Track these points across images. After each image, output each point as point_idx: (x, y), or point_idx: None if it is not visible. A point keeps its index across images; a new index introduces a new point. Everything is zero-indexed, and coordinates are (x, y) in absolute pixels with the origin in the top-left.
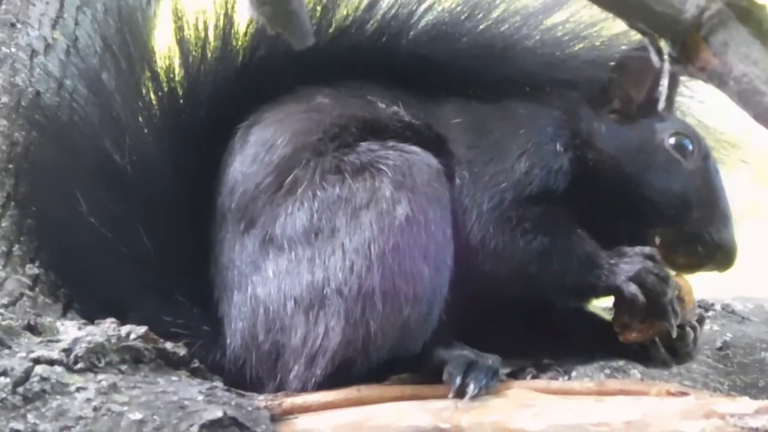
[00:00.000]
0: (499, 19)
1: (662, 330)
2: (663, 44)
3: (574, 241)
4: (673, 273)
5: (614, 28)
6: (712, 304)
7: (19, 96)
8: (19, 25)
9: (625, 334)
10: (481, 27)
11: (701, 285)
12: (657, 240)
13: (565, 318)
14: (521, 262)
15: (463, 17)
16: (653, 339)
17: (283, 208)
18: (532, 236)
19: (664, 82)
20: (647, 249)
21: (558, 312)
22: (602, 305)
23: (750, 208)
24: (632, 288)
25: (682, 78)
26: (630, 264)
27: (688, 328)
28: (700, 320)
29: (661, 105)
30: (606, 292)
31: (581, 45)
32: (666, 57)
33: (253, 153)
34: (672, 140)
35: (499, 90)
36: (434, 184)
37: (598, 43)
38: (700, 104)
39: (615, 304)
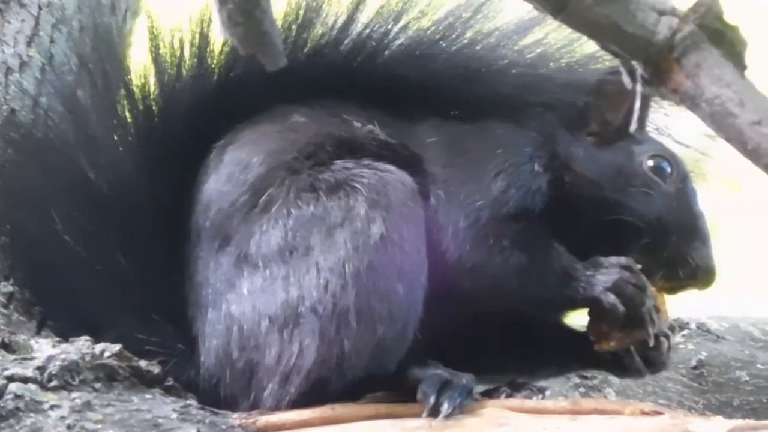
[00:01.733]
0: (474, 39)
1: (638, 339)
2: (635, 66)
3: (552, 256)
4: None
5: (588, 47)
6: (687, 323)
7: None
8: None
9: (602, 343)
10: (456, 47)
11: (676, 304)
12: (635, 261)
13: (538, 331)
14: (499, 279)
15: (437, 37)
16: (628, 348)
17: (258, 226)
18: (509, 252)
19: (637, 104)
20: (623, 259)
21: (532, 325)
22: (577, 317)
23: (724, 224)
24: (611, 298)
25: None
26: (607, 275)
27: (662, 338)
28: (672, 329)
29: (633, 126)
30: (584, 304)
31: (555, 65)
32: (639, 79)
33: (228, 172)
34: (650, 162)
35: (475, 110)
36: (409, 202)
37: (572, 64)
38: (666, 117)
39: (591, 313)
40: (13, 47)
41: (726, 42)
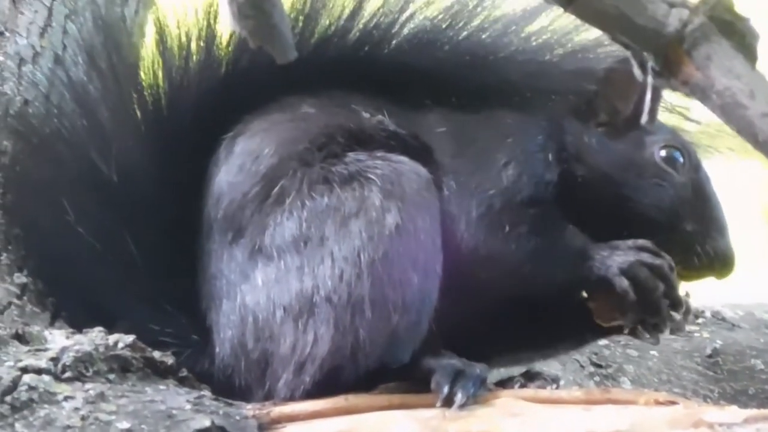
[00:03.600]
0: (480, 27)
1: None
2: (646, 58)
3: (566, 237)
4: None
5: (593, 33)
6: (702, 312)
7: (7, 105)
8: (7, 34)
9: (605, 319)
10: (463, 35)
11: (691, 292)
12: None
13: (549, 310)
14: (514, 264)
15: (444, 25)
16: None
17: (272, 218)
18: (524, 239)
19: (647, 96)
20: (640, 241)
21: (541, 306)
22: None
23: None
24: (624, 284)
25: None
26: (623, 256)
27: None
28: (687, 295)
29: (644, 119)
30: (598, 285)
31: (561, 51)
32: (649, 71)
33: (240, 163)
34: (662, 153)
35: (482, 99)
36: (424, 193)
37: (578, 50)
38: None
39: (600, 291)
40: (26, 38)
41: (736, 33)
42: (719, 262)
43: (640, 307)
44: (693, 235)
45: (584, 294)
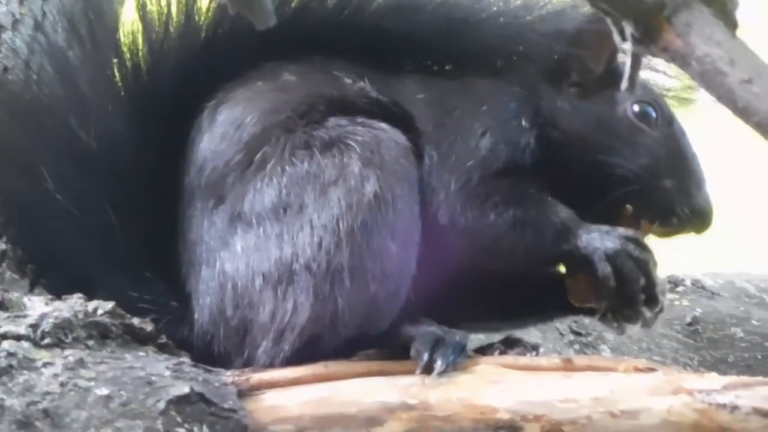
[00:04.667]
0: None
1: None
2: (626, 25)
3: (548, 209)
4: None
5: None
6: (682, 280)
7: None
8: None
9: (579, 299)
10: None
11: (671, 260)
12: (629, 210)
13: (529, 282)
14: (494, 237)
15: None
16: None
17: (252, 185)
18: (503, 209)
19: (627, 62)
20: (631, 231)
21: (522, 277)
22: None
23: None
24: (607, 270)
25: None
26: (611, 242)
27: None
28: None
29: (624, 85)
30: (580, 264)
31: (540, 14)
32: (629, 38)
33: (222, 131)
34: (635, 108)
35: (461, 64)
36: (402, 161)
37: (552, 12)
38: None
39: (577, 270)
40: (5, 5)
41: (717, 1)
42: (698, 218)
43: (617, 297)
44: (670, 191)
45: (563, 270)
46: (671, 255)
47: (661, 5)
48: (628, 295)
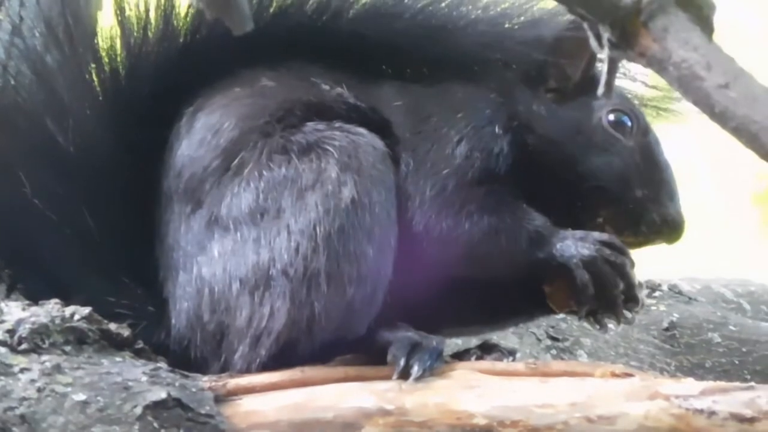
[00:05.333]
0: None
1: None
2: (603, 30)
3: (521, 217)
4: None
5: (548, 3)
6: (659, 285)
7: None
8: None
9: (558, 304)
10: (420, 5)
11: (649, 265)
12: (600, 219)
13: (504, 286)
14: (469, 244)
15: None
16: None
17: (230, 189)
18: (477, 217)
19: (603, 68)
20: (606, 235)
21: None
22: None
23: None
24: (585, 277)
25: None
26: (587, 248)
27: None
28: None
29: (601, 90)
30: (557, 271)
31: (516, 21)
32: (606, 42)
33: (200, 137)
34: (610, 117)
35: (439, 70)
36: (379, 166)
37: (531, 20)
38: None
39: (555, 277)
40: None
41: (693, 6)
42: (669, 228)
43: (597, 301)
44: (642, 201)
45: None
46: (648, 259)
47: (638, 10)
48: (607, 298)
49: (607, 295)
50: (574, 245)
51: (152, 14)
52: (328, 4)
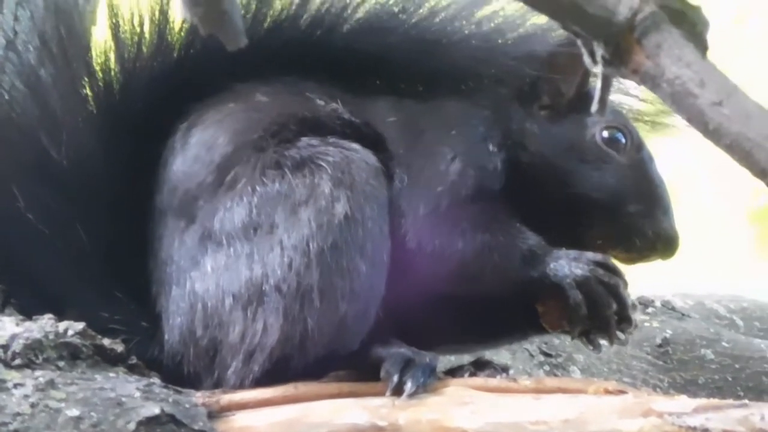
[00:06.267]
0: (432, 11)
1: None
2: (596, 46)
3: (515, 236)
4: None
5: (542, 18)
6: (652, 301)
7: None
8: None
9: (551, 324)
10: (414, 20)
11: (641, 281)
12: (595, 236)
13: (497, 303)
14: (462, 263)
15: (396, 10)
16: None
17: (223, 204)
18: (470, 235)
19: (597, 85)
20: (600, 256)
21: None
22: None
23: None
24: (578, 298)
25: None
26: (580, 268)
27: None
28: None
29: (594, 107)
30: (550, 291)
31: (510, 37)
32: (599, 59)
33: (194, 153)
34: (604, 134)
35: (433, 86)
36: (372, 181)
37: (525, 35)
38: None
39: (548, 297)
40: None
41: (687, 22)
42: (662, 244)
43: (590, 321)
44: (636, 217)
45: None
46: (641, 276)
47: (632, 27)
48: (600, 319)
49: (600, 315)
50: (568, 265)
51: (146, 29)
52: (323, 19)
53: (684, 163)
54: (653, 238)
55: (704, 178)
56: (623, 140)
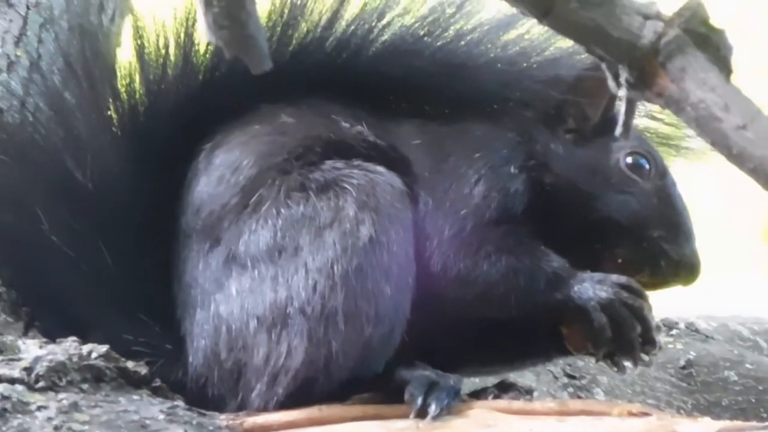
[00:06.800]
0: (457, 35)
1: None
2: (621, 70)
3: (540, 258)
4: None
5: (567, 42)
6: (676, 323)
7: None
8: None
9: (576, 346)
10: (440, 43)
11: (665, 303)
12: (619, 260)
13: (522, 325)
14: (486, 285)
15: (421, 33)
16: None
17: (247, 227)
18: (495, 258)
19: (621, 108)
20: (624, 278)
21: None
22: None
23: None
24: (603, 320)
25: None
26: (605, 291)
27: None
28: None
29: (619, 131)
30: (575, 313)
31: (536, 60)
32: (624, 83)
33: (219, 174)
34: (628, 160)
35: (458, 109)
36: (397, 204)
37: (551, 59)
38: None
39: (573, 320)
40: (0, 47)
41: (711, 46)
42: (684, 269)
43: (614, 344)
44: (658, 242)
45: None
46: (665, 298)
47: (656, 50)
48: (625, 341)
49: (624, 338)
50: (592, 288)
51: (172, 51)
52: (348, 42)
53: (701, 185)
54: (676, 262)
55: (721, 201)
56: (647, 166)
